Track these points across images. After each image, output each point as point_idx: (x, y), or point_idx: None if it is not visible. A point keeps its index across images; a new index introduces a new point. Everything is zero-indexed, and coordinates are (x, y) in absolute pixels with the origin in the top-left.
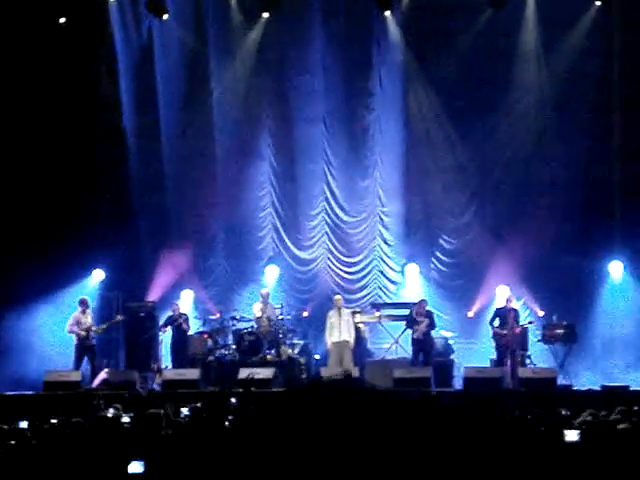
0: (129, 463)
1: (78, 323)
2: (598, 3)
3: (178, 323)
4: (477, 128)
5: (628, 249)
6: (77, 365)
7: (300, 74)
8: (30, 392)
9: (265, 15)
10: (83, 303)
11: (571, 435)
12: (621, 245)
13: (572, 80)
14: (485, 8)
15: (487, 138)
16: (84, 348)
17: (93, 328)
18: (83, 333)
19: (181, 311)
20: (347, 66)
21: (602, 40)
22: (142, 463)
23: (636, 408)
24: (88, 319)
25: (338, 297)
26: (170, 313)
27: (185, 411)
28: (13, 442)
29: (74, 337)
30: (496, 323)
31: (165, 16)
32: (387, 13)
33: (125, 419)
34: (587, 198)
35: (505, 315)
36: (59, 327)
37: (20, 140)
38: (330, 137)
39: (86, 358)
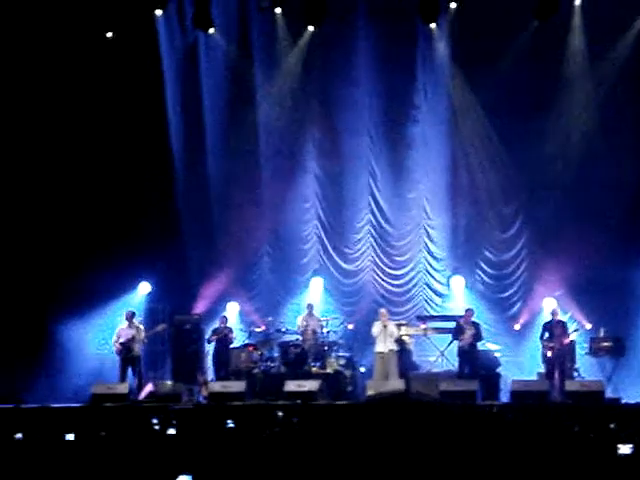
0: (176, 477)
1: (119, 336)
2: None
3: (223, 334)
4: (523, 139)
5: None
6: (122, 377)
7: (345, 87)
8: (77, 404)
9: (310, 28)
10: (127, 315)
11: (624, 449)
12: None
13: (619, 84)
14: (530, 20)
15: (533, 149)
16: (127, 360)
17: (142, 336)
18: (118, 346)
19: (227, 324)
20: (392, 79)
21: None
22: (190, 477)
23: None
24: (133, 331)
25: (382, 310)
26: (216, 325)
27: (230, 423)
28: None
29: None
30: (545, 337)
31: (211, 30)
32: (432, 25)
33: (171, 431)
34: (634, 211)
35: (553, 328)
36: (107, 339)
37: (68, 154)
38: (375, 149)
39: (130, 370)
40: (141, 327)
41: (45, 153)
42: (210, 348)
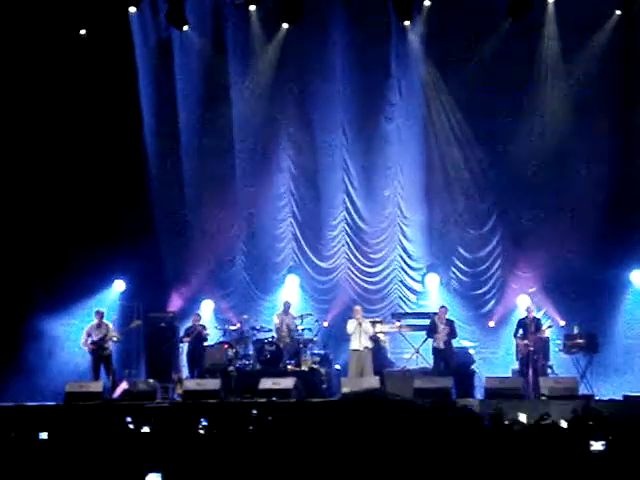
0: (146, 475)
1: (89, 335)
2: (618, 12)
3: (197, 332)
4: (498, 137)
5: None
6: (95, 376)
7: (320, 84)
8: (51, 403)
9: (285, 26)
10: (98, 314)
11: (597, 445)
12: None
13: (593, 82)
14: (505, 17)
15: (508, 147)
16: (99, 358)
17: (112, 334)
18: (91, 347)
19: (201, 322)
20: (367, 75)
21: (622, 45)
22: (160, 475)
23: None
24: (103, 330)
25: (357, 308)
26: (190, 323)
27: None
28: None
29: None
30: (519, 334)
31: (185, 27)
32: (406, 23)
33: (145, 429)
34: (607, 207)
35: (527, 325)
36: (79, 337)
37: (41, 152)
38: (350, 146)
39: (103, 368)
40: (110, 326)
41: (19, 151)
42: (185, 346)
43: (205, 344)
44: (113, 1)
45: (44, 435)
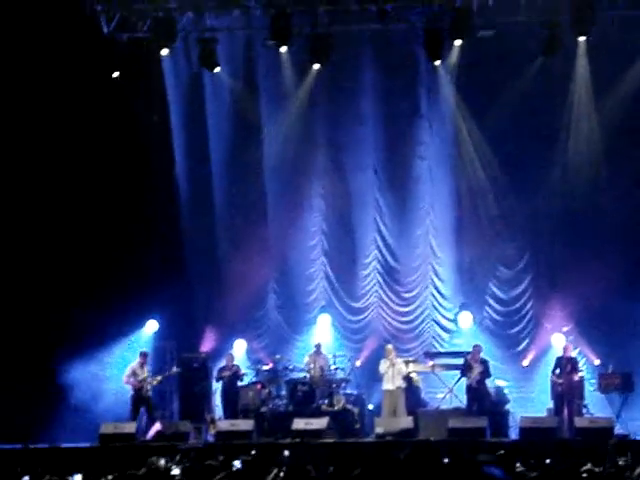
0: None
1: (134, 374)
2: None
3: (232, 372)
4: (529, 177)
5: None
6: (134, 416)
7: (351, 124)
8: (86, 444)
9: (316, 66)
10: (143, 355)
11: None
12: None
13: (624, 129)
14: (537, 56)
15: (539, 187)
16: (140, 399)
17: (149, 379)
18: (139, 384)
19: (234, 362)
20: (398, 115)
21: None
22: None
23: None
24: (145, 371)
25: (389, 347)
26: (223, 364)
27: (237, 463)
28: None
29: (130, 388)
30: (556, 372)
31: (217, 69)
32: (437, 62)
33: (176, 471)
34: (638, 246)
35: (563, 364)
36: (114, 377)
37: (79, 194)
38: (381, 185)
39: (142, 409)
40: (148, 370)
41: (56, 194)
42: (218, 386)
43: (239, 384)
44: (146, 44)
45: (78, 477)
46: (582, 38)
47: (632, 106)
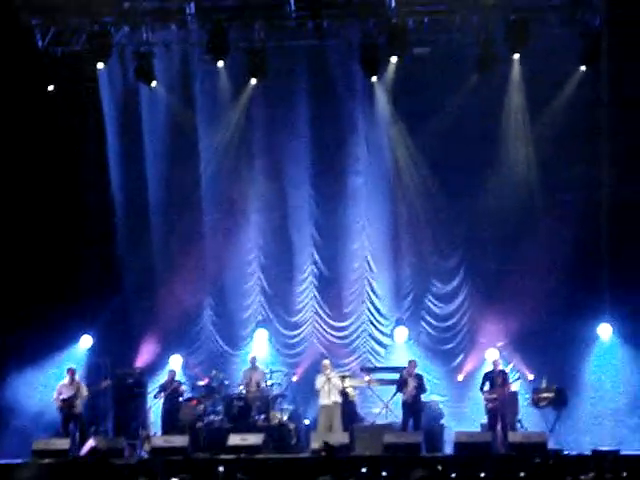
0: None
1: (60, 393)
2: (583, 68)
3: (173, 388)
4: (464, 190)
5: (616, 312)
6: (65, 433)
7: (288, 139)
8: (18, 460)
9: (252, 81)
10: (70, 372)
11: None
12: (610, 308)
13: (559, 137)
14: (471, 73)
15: (474, 199)
16: (69, 417)
17: (84, 393)
18: (61, 404)
19: (176, 378)
20: (334, 131)
21: (587, 99)
22: None
23: (625, 474)
24: (73, 388)
25: (325, 362)
26: (164, 379)
27: None
28: None
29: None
30: (486, 387)
31: (153, 83)
32: (373, 79)
33: None
34: (576, 260)
35: (494, 378)
36: (47, 394)
37: (13, 207)
38: (318, 200)
39: (72, 426)
40: (82, 385)
41: None
42: (156, 402)
43: (181, 400)
44: (81, 57)
45: None
46: (516, 55)
47: (565, 114)
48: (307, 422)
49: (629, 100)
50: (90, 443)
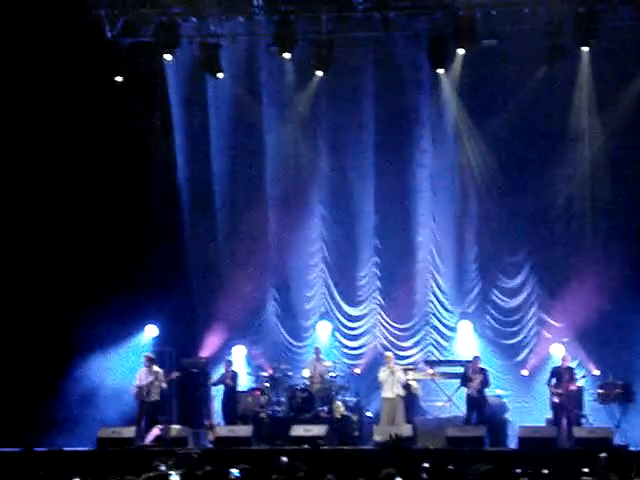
0: None
1: (140, 379)
2: None
3: (228, 378)
4: (531, 187)
5: None
6: (139, 420)
7: (352, 130)
8: (84, 448)
9: (319, 73)
10: (147, 359)
11: None
12: None
13: (626, 133)
14: (539, 65)
15: (541, 194)
16: (145, 404)
17: (158, 382)
18: (136, 390)
19: (232, 368)
20: (399, 122)
21: None
22: None
23: None
24: (152, 376)
25: (389, 354)
26: (222, 370)
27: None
28: None
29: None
30: (553, 382)
31: (220, 74)
32: (440, 71)
33: (175, 478)
34: None
35: (561, 374)
36: (114, 382)
37: (77, 198)
38: (382, 193)
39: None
40: (160, 372)
41: (59, 196)
42: (217, 392)
43: (238, 390)
44: (149, 49)
45: None
46: (585, 48)
47: (633, 114)
48: (370, 414)
49: None
50: (155, 432)
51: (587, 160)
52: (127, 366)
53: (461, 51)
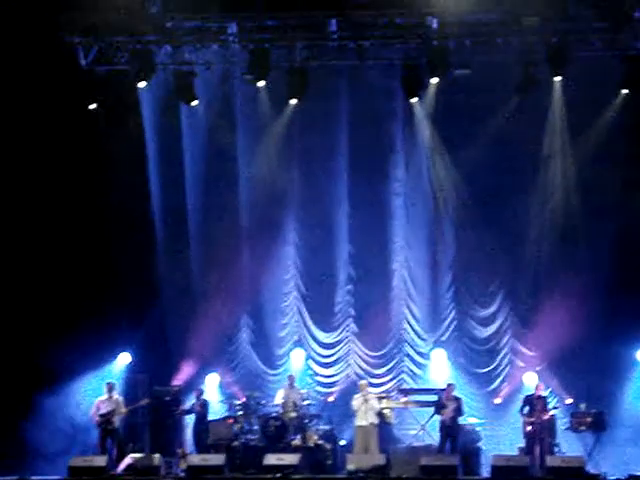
0: None
1: (97, 408)
2: (625, 91)
3: (197, 408)
4: (504, 213)
5: None
6: (102, 449)
7: (326, 158)
8: (55, 477)
9: (293, 101)
10: (107, 386)
11: None
12: None
13: (598, 161)
14: (512, 94)
15: (513, 224)
16: (106, 432)
17: (122, 410)
18: (99, 419)
19: (203, 396)
20: (373, 151)
21: (629, 124)
22: None
23: None
24: (112, 404)
25: (363, 382)
26: (194, 399)
27: None
28: None
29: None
30: (525, 411)
31: (194, 102)
32: (414, 99)
33: None
34: (615, 284)
35: (534, 403)
36: (86, 410)
37: (48, 223)
38: (356, 221)
39: (109, 442)
40: (120, 400)
41: (32, 224)
42: (190, 420)
43: (211, 418)
44: (123, 76)
45: None
46: (558, 78)
47: (605, 139)
48: (343, 443)
49: None
50: (127, 460)
51: (559, 188)
52: (100, 394)
53: (435, 80)
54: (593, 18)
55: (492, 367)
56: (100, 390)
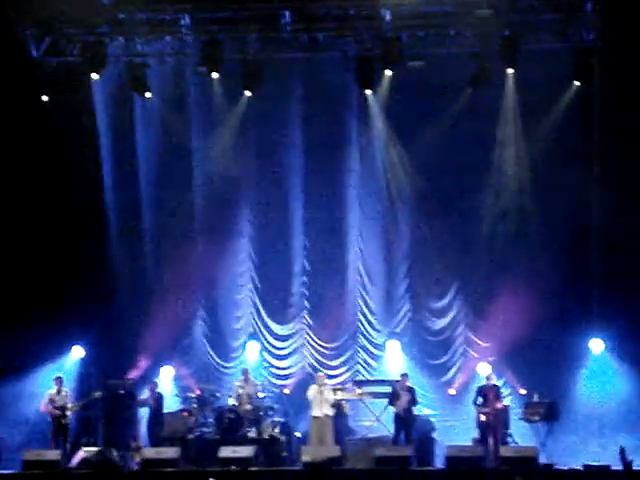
0: None
1: (51, 401)
2: (577, 83)
3: (153, 399)
4: (458, 206)
5: (607, 326)
6: (55, 443)
7: (281, 150)
8: (9, 471)
9: (247, 93)
10: (57, 380)
11: None
12: (600, 322)
13: (552, 158)
14: (466, 86)
15: (467, 216)
16: (60, 426)
17: (69, 406)
18: (57, 412)
19: (157, 389)
20: (328, 142)
21: (581, 116)
22: None
23: None
24: (62, 398)
25: (320, 374)
26: (148, 392)
27: None
28: None
29: (48, 416)
30: (479, 401)
31: (148, 94)
32: (368, 91)
33: None
34: (567, 275)
35: (487, 393)
36: (35, 405)
37: (5, 216)
38: (311, 212)
39: (61, 437)
40: (69, 394)
41: None
42: (144, 414)
43: (166, 411)
44: (75, 68)
45: None
46: (510, 70)
47: (558, 132)
48: (298, 435)
49: (621, 119)
50: (81, 454)
51: (513, 183)
52: (50, 387)
53: (388, 72)
54: (545, 10)
55: (446, 358)
56: (51, 384)
